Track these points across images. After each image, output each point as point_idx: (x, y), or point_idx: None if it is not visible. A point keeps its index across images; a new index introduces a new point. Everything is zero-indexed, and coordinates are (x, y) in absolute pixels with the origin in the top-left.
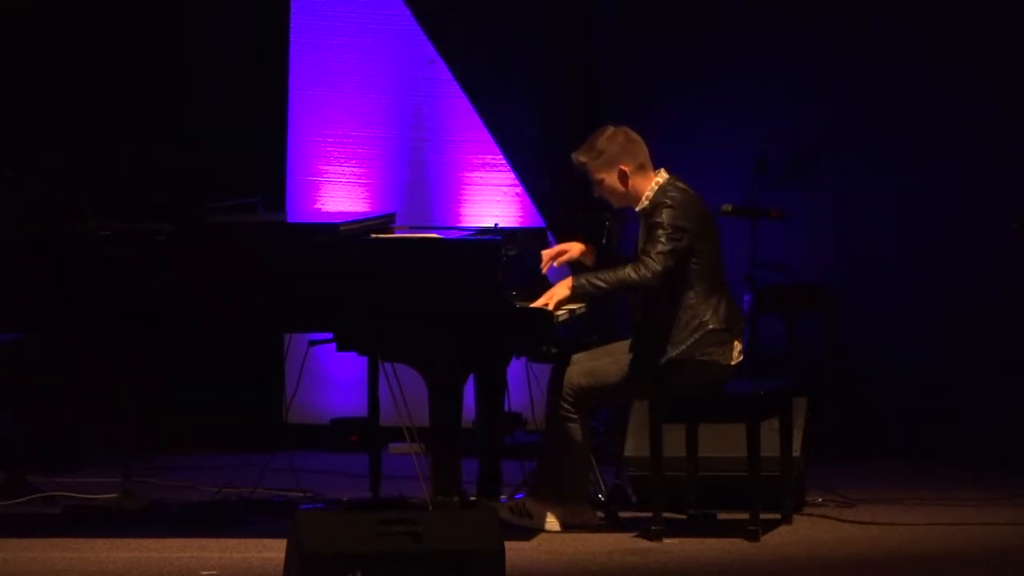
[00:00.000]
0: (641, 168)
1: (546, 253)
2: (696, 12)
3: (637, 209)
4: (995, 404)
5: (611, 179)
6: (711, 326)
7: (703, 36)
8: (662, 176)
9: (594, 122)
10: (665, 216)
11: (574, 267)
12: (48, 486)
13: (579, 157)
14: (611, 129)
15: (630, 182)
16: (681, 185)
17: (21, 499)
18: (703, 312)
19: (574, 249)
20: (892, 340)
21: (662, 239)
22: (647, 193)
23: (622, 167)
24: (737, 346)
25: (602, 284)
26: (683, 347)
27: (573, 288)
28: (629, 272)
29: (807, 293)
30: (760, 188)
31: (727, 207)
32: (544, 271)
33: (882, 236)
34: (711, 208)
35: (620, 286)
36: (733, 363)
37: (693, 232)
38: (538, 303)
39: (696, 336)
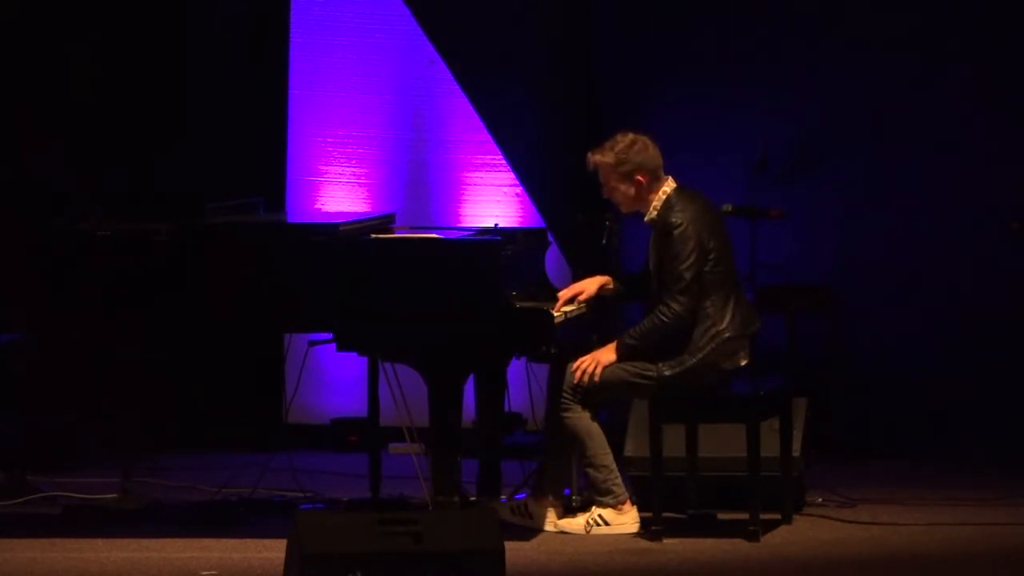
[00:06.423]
0: (656, 178)
1: (563, 294)
2: (696, 12)
3: (646, 219)
4: (995, 404)
5: (627, 187)
6: (727, 334)
7: (703, 37)
8: (669, 185)
9: (594, 122)
10: (675, 241)
11: (596, 299)
12: (48, 486)
13: (596, 158)
14: (631, 136)
15: (645, 191)
16: (688, 193)
17: (21, 499)
18: (720, 320)
19: (591, 286)
20: (892, 340)
21: (680, 271)
22: (655, 203)
23: (639, 177)
24: (746, 348)
25: (638, 341)
26: (701, 355)
27: (619, 351)
28: (658, 318)
29: (807, 293)
30: (760, 188)
31: (727, 207)
32: (558, 312)
33: (882, 236)
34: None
35: (658, 334)
36: (742, 365)
37: (705, 240)
38: (581, 363)
39: (713, 344)
